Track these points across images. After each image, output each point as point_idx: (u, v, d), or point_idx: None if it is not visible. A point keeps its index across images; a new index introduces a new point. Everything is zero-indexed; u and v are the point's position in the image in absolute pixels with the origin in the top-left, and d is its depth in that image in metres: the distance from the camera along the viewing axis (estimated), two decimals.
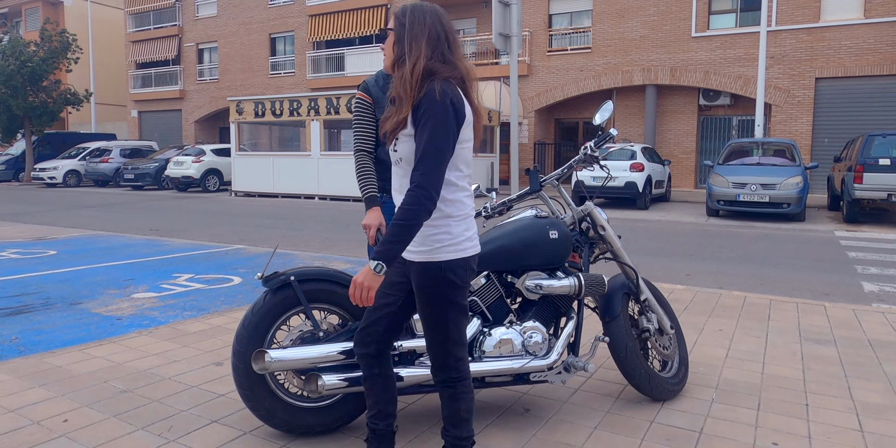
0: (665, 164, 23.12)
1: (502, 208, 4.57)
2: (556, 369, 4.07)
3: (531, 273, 4.12)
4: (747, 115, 27.69)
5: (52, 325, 6.45)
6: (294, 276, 3.84)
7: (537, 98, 30.97)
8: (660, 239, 13.64)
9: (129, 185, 31.93)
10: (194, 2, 42.76)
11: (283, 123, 26.38)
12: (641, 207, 20.37)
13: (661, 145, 29.17)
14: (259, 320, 3.79)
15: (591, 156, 4.46)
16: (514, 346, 3.96)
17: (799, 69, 25.75)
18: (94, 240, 12.70)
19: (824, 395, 4.64)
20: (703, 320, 6.71)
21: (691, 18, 27.40)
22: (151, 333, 6.14)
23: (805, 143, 25.79)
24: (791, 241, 13.35)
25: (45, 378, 4.88)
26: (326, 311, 4.00)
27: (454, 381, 3.18)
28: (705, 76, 27.28)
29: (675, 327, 4.85)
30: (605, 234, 4.43)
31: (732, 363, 5.32)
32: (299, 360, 3.65)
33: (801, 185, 16.60)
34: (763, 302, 7.54)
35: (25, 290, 8.09)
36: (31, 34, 47.31)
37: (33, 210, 20.33)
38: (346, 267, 9.67)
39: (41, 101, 35.47)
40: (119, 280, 8.71)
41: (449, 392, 3.20)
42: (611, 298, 4.43)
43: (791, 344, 5.88)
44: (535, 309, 4.16)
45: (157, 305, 7.32)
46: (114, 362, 5.26)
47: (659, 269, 10.26)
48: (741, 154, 18.95)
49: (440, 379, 3.20)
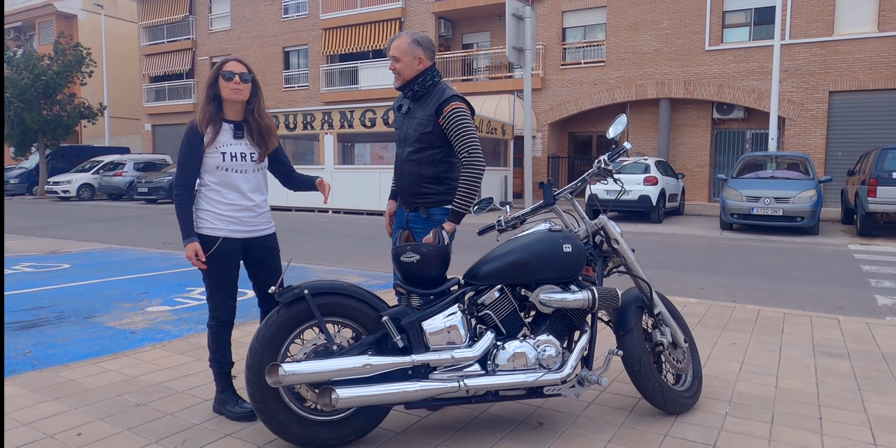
0: (679, 177, 23.09)
1: (516, 222, 4.58)
2: (570, 383, 4.08)
3: (545, 286, 4.13)
4: (761, 129, 27.64)
5: (66, 339, 6.48)
6: (308, 290, 3.85)
7: (551, 111, 30.98)
8: (673, 252, 13.62)
9: (142, 198, 31.99)
10: (208, 15, 42.98)
11: (296, 137, 26.44)
12: (655, 221, 20.33)
13: (675, 159, 29.12)
14: (273, 334, 3.81)
15: (605, 169, 4.46)
16: (527, 360, 3.97)
17: (813, 83, 25.71)
18: (107, 253, 12.75)
19: (838, 408, 4.63)
20: (717, 334, 6.69)
21: (705, 32, 27.41)
22: (165, 347, 6.16)
23: (819, 157, 25.72)
24: (805, 255, 13.31)
25: (59, 392, 4.90)
26: (340, 324, 4.00)
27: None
28: (719, 90, 27.26)
29: (689, 341, 4.85)
30: (619, 247, 4.44)
31: (746, 377, 5.31)
32: (313, 373, 3.66)
33: (814, 199, 16.54)
34: (777, 315, 7.51)
35: (39, 303, 8.12)
36: (45, 48, 47.70)
37: (47, 224, 20.42)
38: (359, 280, 9.69)
39: (55, 115, 35.61)
40: (133, 293, 8.75)
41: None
42: (624, 312, 4.44)
43: (805, 357, 5.87)
44: (548, 322, 4.17)
45: (170, 319, 7.35)
46: (127, 376, 5.28)
47: (672, 282, 10.24)
48: (755, 168, 18.92)
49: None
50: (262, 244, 4.50)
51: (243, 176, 4.37)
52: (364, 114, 23.52)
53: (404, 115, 4.77)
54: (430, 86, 4.65)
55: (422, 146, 4.60)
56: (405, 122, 4.74)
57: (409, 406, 3.90)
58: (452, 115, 4.48)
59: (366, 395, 3.70)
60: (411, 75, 4.62)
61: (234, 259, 4.38)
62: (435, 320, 3.95)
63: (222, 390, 4.46)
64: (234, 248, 4.36)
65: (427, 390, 3.78)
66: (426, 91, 4.65)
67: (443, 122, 4.50)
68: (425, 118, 4.56)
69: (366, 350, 3.89)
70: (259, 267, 4.52)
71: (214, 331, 4.42)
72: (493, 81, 32.06)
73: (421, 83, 4.62)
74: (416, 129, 4.61)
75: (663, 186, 20.49)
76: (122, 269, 10.74)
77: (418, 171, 4.62)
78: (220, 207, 4.31)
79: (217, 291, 4.38)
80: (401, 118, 4.81)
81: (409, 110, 4.73)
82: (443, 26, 33.90)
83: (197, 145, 4.24)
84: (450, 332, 3.94)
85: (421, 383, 3.79)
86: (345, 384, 3.74)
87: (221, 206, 4.31)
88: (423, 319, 3.95)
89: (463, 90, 32.21)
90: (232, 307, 4.45)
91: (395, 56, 4.59)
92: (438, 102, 4.53)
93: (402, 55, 4.57)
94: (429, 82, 4.64)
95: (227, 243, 4.33)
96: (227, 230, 4.32)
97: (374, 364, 3.74)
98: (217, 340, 4.43)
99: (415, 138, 4.61)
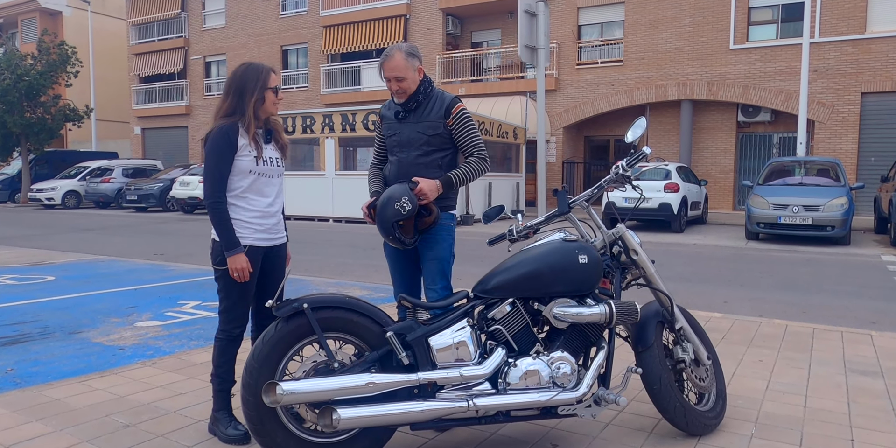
0: (701, 184, 23.07)
1: (528, 231, 4.59)
2: (586, 402, 4.08)
3: (559, 300, 4.13)
4: (789, 133, 27.58)
5: (51, 356, 6.49)
6: (307, 304, 3.86)
7: (566, 114, 31.02)
8: (696, 264, 13.62)
9: (131, 206, 32.09)
10: (201, 12, 43.17)
11: (295, 141, 26.42)
12: (676, 230, 20.32)
13: (698, 164, 29.11)
14: (270, 350, 3.81)
15: (623, 175, 4.47)
16: (541, 378, 3.98)
17: (844, 83, 25.69)
18: (94, 265, 12.78)
19: (871, 429, 4.62)
20: (742, 350, 6.69)
21: (729, 30, 27.43)
22: (156, 364, 6.18)
23: (850, 162, 25.68)
24: (835, 266, 13.29)
25: (43, 412, 4.91)
26: (341, 340, 4.01)
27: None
28: (744, 91, 27.26)
29: (713, 358, 4.84)
30: (638, 258, 4.44)
31: (773, 396, 5.31)
32: (313, 392, 3.65)
33: (845, 207, 16.51)
34: (806, 331, 7.51)
35: (22, 318, 8.14)
36: (28, 46, 47.81)
37: (30, 233, 20.48)
38: (362, 294, 9.69)
39: (39, 118, 35.75)
40: (121, 308, 8.76)
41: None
42: (644, 327, 4.44)
43: (835, 375, 5.86)
44: (563, 338, 4.17)
45: (161, 335, 7.36)
46: (116, 395, 5.29)
47: (695, 295, 10.24)
48: (782, 174, 18.90)
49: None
50: (276, 253, 4.56)
51: (271, 181, 4.46)
52: (367, 116, 23.53)
53: (400, 120, 4.83)
54: (429, 92, 4.80)
55: (431, 149, 4.67)
56: (404, 127, 4.81)
57: (415, 427, 3.89)
58: (461, 116, 4.63)
59: (369, 415, 3.69)
60: (415, 88, 4.72)
61: (256, 269, 4.42)
62: (442, 336, 3.96)
63: (218, 409, 4.46)
64: (257, 258, 4.41)
65: (434, 410, 3.78)
66: (426, 97, 4.77)
67: (451, 123, 4.66)
68: (434, 120, 4.67)
69: (369, 367, 3.90)
70: (266, 276, 4.56)
71: (223, 345, 4.44)
72: (505, 82, 32.09)
73: (424, 92, 4.77)
74: (423, 131, 4.68)
75: (685, 194, 20.47)
76: (110, 282, 10.76)
77: (426, 175, 4.66)
78: (246, 214, 4.36)
79: (235, 304, 4.40)
80: (396, 124, 4.88)
81: (407, 115, 4.81)
82: (451, 23, 33.96)
83: (233, 150, 4.29)
84: (458, 349, 3.95)
85: (427, 403, 3.78)
86: (347, 404, 3.73)
87: (247, 214, 4.36)
88: (429, 335, 3.96)
89: (472, 91, 32.28)
90: (246, 321, 4.48)
91: (398, 77, 4.66)
92: (445, 104, 4.68)
93: (405, 72, 4.66)
94: (428, 89, 4.80)
95: (252, 252, 4.37)
96: (253, 238, 4.37)
97: (377, 382, 3.73)
98: (223, 355, 4.44)
99: (423, 141, 4.68)
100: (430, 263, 4.79)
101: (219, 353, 4.45)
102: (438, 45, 33.79)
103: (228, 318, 4.41)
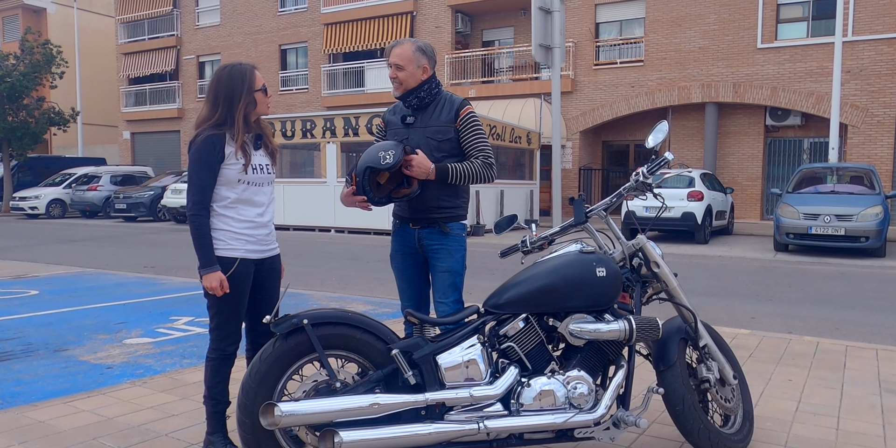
0: (727, 192, 23.05)
1: (543, 242, 4.59)
2: (604, 424, 4.08)
3: (575, 316, 4.13)
4: (820, 137, 27.52)
5: (34, 375, 6.50)
6: (307, 320, 3.86)
7: (582, 117, 31.03)
8: (721, 277, 13.60)
9: (120, 216, 32.18)
10: (194, 9, 43.27)
11: (294, 146, 26.48)
12: (700, 241, 20.30)
13: (723, 171, 29.07)
14: (268, 369, 3.81)
15: (644, 183, 4.47)
16: (556, 399, 3.97)
17: (879, 85, 25.66)
18: (81, 278, 12.81)
19: None
20: (771, 369, 6.68)
21: (757, 28, 27.41)
22: (146, 384, 6.18)
23: (886, 169, 25.64)
24: (870, 280, 13.28)
25: (26, 435, 4.91)
26: (344, 358, 4.01)
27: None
28: (773, 93, 27.24)
29: (739, 377, 4.83)
30: (660, 271, 4.44)
31: (803, 418, 5.30)
32: (314, 414, 3.65)
33: (881, 217, 16.48)
34: (838, 348, 7.49)
35: (4, 335, 8.15)
36: (10, 45, 47.79)
37: (12, 244, 20.54)
38: (366, 309, 9.71)
39: (21, 121, 35.83)
40: (109, 323, 8.78)
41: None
42: (666, 344, 4.43)
43: (870, 396, 5.85)
44: (579, 356, 4.17)
45: (152, 352, 7.36)
46: (103, 417, 5.30)
47: (720, 311, 10.23)
48: (813, 181, 18.88)
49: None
50: (269, 266, 4.55)
51: (261, 189, 4.45)
52: (371, 120, 23.51)
53: (408, 125, 4.86)
54: (435, 93, 4.84)
55: (442, 155, 4.69)
56: (412, 133, 4.84)
57: None
58: (469, 119, 4.69)
59: (373, 438, 3.67)
60: (414, 85, 4.77)
61: (248, 283, 4.41)
62: (451, 354, 3.96)
63: (212, 432, 4.45)
64: (249, 271, 4.39)
65: (442, 433, 3.77)
66: (432, 99, 4.82)
67: (460, 126, 4.70)
68: (444, 124, 4.70)
69: (373, 387, 3.90)
70: (259, 291, 4.54)
71: (216, 364, 4.42)
72: (518, 83, 32.13)
73: (427, 91, 4.80)
74: (432, 137, 4.71)
75: (710, 202, 20.45)
76: (97, 296, 10.78)
77: (437, 185, 4.66)
78: (237, 225, 4.34)
79: (227, 320, 4.38)
80: (403, 129, 4.90)
81: (415, 120, 4.84)
82: (460, 21, 34.00)
83: (219, 160, 4.26)
84: (468, 368, 3.95)
85: (435, 425, 3.78)
86: (349, 426, 3.72)
87: (238, 225, 4.34)
88: (437, 353, 3.96)
89: (483, 93, 32.31)
90: (240, 337, 4.47)
91: (397, 64, 4.70)
92: (454, 107, 4.74)
93: (406, 64, 4.69)
94: (434, 90, 4.83)
95: (243, 265, 4.35)
96: (244, 250, 4.35)
97: (382, 403, 3.73)
98: (217, 375, 4.43)
99: (433, 147, 4.70)
100: (441, 276, 4.81)
101: (212, 372, 4.43)
102: (447, 43, 33.80)
103: (221, 336, 4.39)
